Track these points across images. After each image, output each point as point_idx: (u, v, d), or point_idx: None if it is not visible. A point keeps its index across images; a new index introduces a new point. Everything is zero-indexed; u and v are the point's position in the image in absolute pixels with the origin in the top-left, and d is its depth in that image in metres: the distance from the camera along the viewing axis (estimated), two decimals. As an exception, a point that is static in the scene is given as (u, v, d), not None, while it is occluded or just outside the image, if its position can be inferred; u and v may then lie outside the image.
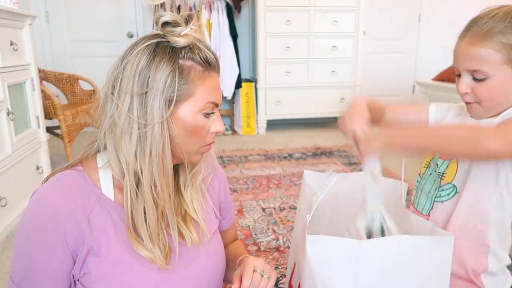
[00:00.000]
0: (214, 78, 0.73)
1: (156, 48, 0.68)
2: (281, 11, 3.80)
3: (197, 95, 0.70)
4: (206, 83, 0.71)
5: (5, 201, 1.86)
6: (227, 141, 3.83)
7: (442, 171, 0.87)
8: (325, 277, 0.74)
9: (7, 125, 1.94)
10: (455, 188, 0.85)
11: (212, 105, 0.73)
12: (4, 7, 1.93)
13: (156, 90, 0.67)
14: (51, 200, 0.67)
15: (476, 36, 0.78)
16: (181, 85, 0.68)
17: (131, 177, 0.68)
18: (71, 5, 3.83)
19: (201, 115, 0.71)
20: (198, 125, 0.71)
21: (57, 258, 0.67)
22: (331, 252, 0.73)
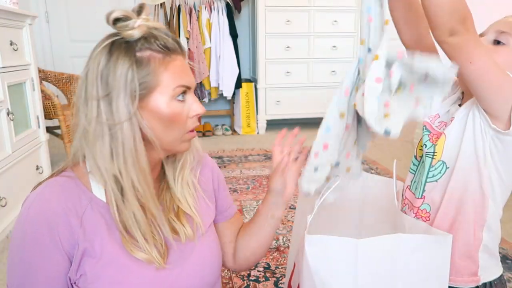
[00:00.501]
0: (178, 61, 0.71)
1: (112, 47, 0.67)
2: (281, 11, 3.80)
3: (163, 82, 0.69)
4: (169, 68, 0.69)
5: (5, 201, 1.86)
6: (227, 141, 3.83)
7: (432, 151, 0.87)
8: (323, 276, 0.74)
9: (7, 125, 1.94)
10: (444, 164, 0.85)
11: (183, 88, 0.71)
12: (4, 7, 1.93)
13: (118, 88, 0.66)
14: (43, 205, 0.67)
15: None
16: (143, 77, 0.67)
17: (111, 182, 0.68)
18: (71, 5, 3.83)
19: (175, 102, 0.70)
20: (173, 113, 0.70)
21: (54, 261, 0.67)
22: (329, 251, 0.74)
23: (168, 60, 0.70)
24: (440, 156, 0.85)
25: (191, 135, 0.75)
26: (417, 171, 0.93)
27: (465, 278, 0.84)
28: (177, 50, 0.71)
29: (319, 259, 0.74)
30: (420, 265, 0.74)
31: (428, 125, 0.91)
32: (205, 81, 3.87)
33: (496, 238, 0.86)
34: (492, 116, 0.76)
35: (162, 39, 0.69)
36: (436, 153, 0.86)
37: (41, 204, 0.68)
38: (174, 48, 0.71)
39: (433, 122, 0.91)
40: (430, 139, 0.89)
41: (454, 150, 0.83)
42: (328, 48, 3.95)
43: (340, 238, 0.73)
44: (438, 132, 0.88)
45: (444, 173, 0.85)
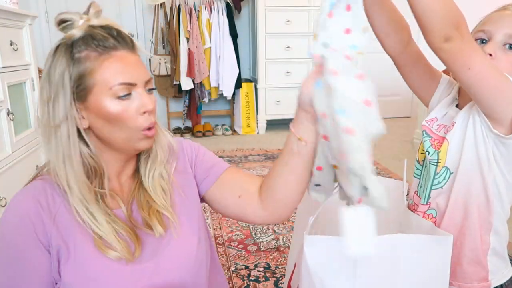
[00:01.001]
0: (116, 57, 0.69)
1: (56, 49, 0.69)
2: (281, 11, 3.80)
3: (100, 81, 0.68)
4: (105, 67, 0.68)
5: (5, 201, 1.86)
6: (227, 141, 3.83)
7: (436, 158, 0.86)
8: (322, 277, 0.74)
9: (7, 125, 1.94)
10: (448, 170, 0.84)
11: (123, 86, 0.68)
12: (4, 7, 1.93)
13: (57, 89, 0.68)
14: (18, 206, 0.70)
15: None
16: (79, 78, 0.68)
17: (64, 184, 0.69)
18: (71, 5, 3.83)
19: (115, 100, 0.68)
20: (114, 112, 0.69)
21: (35, 257, 0.68)
22: (328, 252, 0.73)
23: (105, 58, 0.68)
24: (444, 163, 0.84)
25: (148, 133, 0.72)
26: (421, 176, 0.92)
27: (475, 284, 0.83)
28: (117, 47, 0.69)
29: (318, 259, 0.74)
30: (420, 265, 0.74)
31: (428, 129, 0.90)
32: (205, 81, 3.87)
33: (504, 241, 0.85)
34: (494, 121, 0.75)
35: (99, 37, 0.69)
36: (440, 160, 0.85)
37: (15, 206, 0.70)
38: (113, 45, 0.69)
39: (431, 125, 0.90)
40: (432, 145, 0.88)
41: (457, 155, 0.82)
42: (328, 48, 3.95)
43: (337, 238, 0.73)
44: (439, 136, 0.87)
45: (448, 179, 0.84)
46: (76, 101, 0.69)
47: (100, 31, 0.69)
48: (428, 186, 0.89)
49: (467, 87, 0.73)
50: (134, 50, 0.72)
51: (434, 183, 0.87)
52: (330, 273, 0.74)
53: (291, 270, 0.96)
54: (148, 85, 0.73)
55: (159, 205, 0.77)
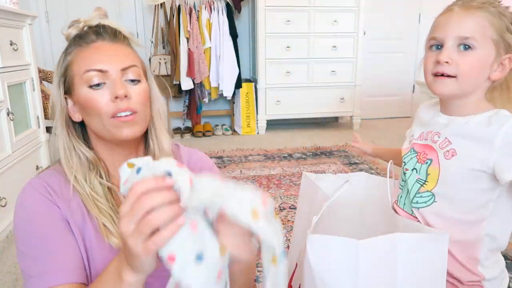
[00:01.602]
0: (92, 48, 0.72)
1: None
2: (281, 11, 3.80)
3: (76, 72, 0.71)
4: (80, 57, 0.72)
5: (5, 201, 1.86)
6: (227, 141, 3.83)
7: (424, 179, 0.86)
8: (324, 276, 0.74)
9: (7, 125, 1.94)
10: (433, 196, 0.84)
11: (93, 73, 0.69)
12: (4, 7, 1.93)
13: (54, 83, 0.75)
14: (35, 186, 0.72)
15: (471, 6, 0.79)
16: (65, 71, 0.73)
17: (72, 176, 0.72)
18: (71, 5, 3.83)
19: (87, 89, 0.70)
20: (85, 100, 0.71)
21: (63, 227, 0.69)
22: (330, 251, 0.74)
23: (81, 49, 0.72)
24: (431, 188, 0.85)
25: (122, 119, 0.70)
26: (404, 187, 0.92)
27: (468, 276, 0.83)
28: (95, 40, 0.73)
29: (320, 258, 0.74)
30: (420, 264, 0.74)
31: (416, 145, 0.90)
32: (205, 81, 3.87)
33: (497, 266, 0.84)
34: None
35: (83, 34, 0.74)
36: (427, 183, 0.85)
37: (33, 187, 0.72)
38: (92, 39, 0.73)
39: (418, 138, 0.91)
40: (419, 160, 0.88)
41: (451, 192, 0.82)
42: (328, 48, 3.95)
43: (341, 238, 0.73)
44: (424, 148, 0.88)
45: (430, 205, 0.85)
46: (66, 94, 0.74)
47: (87, 30, 0.74)
48: (407, 201, 0.89)
49: None
50: (118, 42, 0.74)
51: (414, 201, 0.87)
52: (332, 272, 0.74)
53: (292, 270, 0.96)
54: (129, 74, 0.72)
55: None
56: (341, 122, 4.50)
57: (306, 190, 1.03)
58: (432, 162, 0.84)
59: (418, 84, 3.41)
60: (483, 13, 0.78)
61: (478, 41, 0.77)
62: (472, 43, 0.78)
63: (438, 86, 0.82)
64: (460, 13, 0.79)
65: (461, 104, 0.83)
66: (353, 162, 3.08)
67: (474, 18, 0.78)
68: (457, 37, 0.79)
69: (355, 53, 4.00)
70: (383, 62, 4.58)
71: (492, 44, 0.78)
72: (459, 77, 0.79)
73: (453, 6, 0.82)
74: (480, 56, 0.78)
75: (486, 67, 0.79)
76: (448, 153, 0.82)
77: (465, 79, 0.79)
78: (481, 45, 0.78)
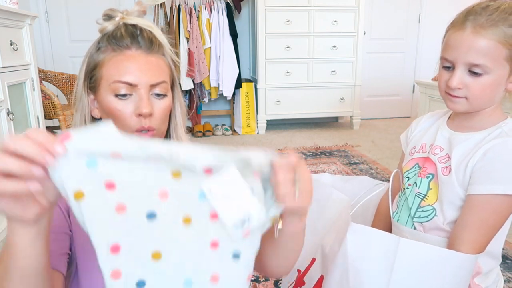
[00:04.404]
0: (126, 56, 0.69)
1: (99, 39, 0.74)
2: (281, 11, 3.80)
3: (105, 76, 0.70)
4: (113, 63, 0.69)
5: (5, 201, 1.86)
6: (227, 141, 3.83)
7: (424, 193, 0.86)
8: (359, 265, 0.75)
9: (7, 125, 1.94)
10: (435, 210, 0.84)
11: (121, 85, 0.68)
12: (4, 7, 1.93)
13: (79, 75, 0.73)
14: None
15: (482, 26, 0.74)
16: (94, 69, 0.71)
17: None
18: (71, 5, 3.83)
19: (113, 97, 0.69)
20: (109, 108, 0.69)
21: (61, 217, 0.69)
22: (370, 242, 0.75)
23: (116, 55, 0.70)
24: (432, 202, 0.84)
25: (136, 134, 0.70)
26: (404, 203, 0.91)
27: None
28: (130, 47, 0.70)
29: (359, 247, 0.75)
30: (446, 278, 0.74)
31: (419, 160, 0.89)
32: (205, 81, 3.87)
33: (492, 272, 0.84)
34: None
35: (118, 35, 0.70)
36: (427, 197, 0.85)
37: None
38: (126, 45, 0.70)
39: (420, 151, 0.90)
40: (419, 174, 0.88)
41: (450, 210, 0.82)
42: (328, 48, 3.95)
43: (383, 232, 0.74)
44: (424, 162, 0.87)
45: (431, 219, 0.84)
46: (90, 90, 0.73)
47: (123, 30, 0.71)
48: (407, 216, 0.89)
49: None
50: (153, 52, 0.71)
51: (416, 215, 0.87)
52: (367, 264, 0.75)
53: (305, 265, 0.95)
54: (156, 89, 0.71)
55: None
56: (341, 122, 4.50)
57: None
58: (434, 177, 0.84)
59: (418, 84, 3.41)
60: (496, 32, 0.73)
61: (490, 66, 0.75)
62: (483, 69, 0.75)
63: (450, 104, 0.82)
64: (471, 37, 0.75)
65: (472, 117, 0.82)
66: (353, 162, 3.08)
67: (486, 41, 0.74)
68: (468, 63, 0.76)
69: (355, 53, 4.00)
70: (383, 62, 4.58)
71: (505, 62, 0.75)
72: (470, 99, 0.78)
73: (465, 23, 0.76)
74: (492, 79, 0.76)
75: (500, 86, 0.77)
76: (445, 169, 0.82)
77: (476, 101, 0.78)
78: (494, 68, 0.75)
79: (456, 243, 0.77)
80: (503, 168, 0.74)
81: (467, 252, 0.74)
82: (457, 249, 0.75)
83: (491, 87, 0.77)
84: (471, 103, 0.79)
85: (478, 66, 0.75)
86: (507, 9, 0.75)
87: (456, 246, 0.76)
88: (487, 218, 0.75)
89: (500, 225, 0.76)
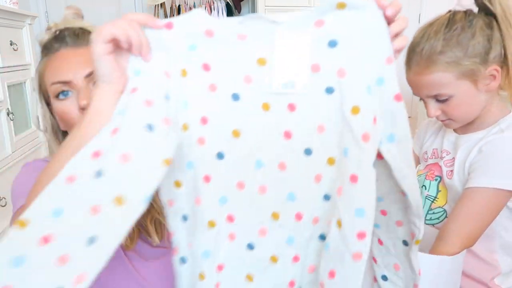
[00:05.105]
0: (55, 58, 0.70)
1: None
2: (281, 11, 3.76)
3: (46, 84, 0.71)
4: (46, 69, 0.70)
5: (5, 201, 1.86)
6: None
7: (434, 195, 0.86)
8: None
9: (7, 125, 1.94)
10: (445, 212, 0.84)
11: (58, 86, 0.68)
12: (4, 7, 1.93)
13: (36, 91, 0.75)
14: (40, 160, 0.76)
15: (419, 65, 0.77)
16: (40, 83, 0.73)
17: None
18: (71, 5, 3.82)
19: (56, 102, 0.69)
20: (58, 113, 0.70)
21: None
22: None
23: (47, 60, 0.71)
24: (442, 203, 0.85)
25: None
26: None
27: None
28: (58, 49, 0.70)
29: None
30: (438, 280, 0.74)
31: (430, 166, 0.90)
32: (205, 81, 3.87)
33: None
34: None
35: (47, 43, 0.72)
36: (437, 199, 0.85)
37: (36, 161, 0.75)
38: (55, 48, 0.70)
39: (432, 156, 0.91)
40: (427, 177, 0.88)
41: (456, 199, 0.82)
42: (328, 48, 3.94)
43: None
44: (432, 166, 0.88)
45: (442, 221, 0.84)
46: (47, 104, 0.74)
47: (52, 37, 0.72)
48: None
49: None
50: (81, 45, 0.70)
51: (427, 217, 0.87)
52: None
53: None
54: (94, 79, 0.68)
55: (157, 211, 0.75)
56: (341, 122, 4.50)
57: None
58: (441, 179, 0.85)
59: (418, 84, 3.41)
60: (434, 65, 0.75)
61: (448, 92, 0.76)
62: (445, 95, 0.77)
63: (447, 127, 0.86)
64: (417, 77, 0.79)
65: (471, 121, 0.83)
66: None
67: (430, 76, 0.76)
68: (429, 96, 0.79)
69: (355, 53, 3.99)
70: (383, 62, 4.57)
71: (460, 81, 0.76)
72: (454, 119, 0.81)
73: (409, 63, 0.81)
74: (461, 97, 0.77)
75: (474, 96, 0.77)
76: (450, 173, 0.83)
77: (461, 118, 0.80)
78: (454, 90, 0.76)
79: (444, 235, 0.76)
80: (496, 163, 0.74)
81: (453, 244, 0.73)
82: (444, 240, 0.75)
83: (465, 103, 0.78)
84: (458, 120, 0.81)
85: (438, 95, 0.78)
86: (433, 34, 0.76)
87: (444, 237, 0.76)
88: (477, 211, 0.74)
89: (490, 219, 0.75)
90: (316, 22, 0.50)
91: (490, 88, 0.77)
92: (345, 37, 0.49)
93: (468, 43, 0.74)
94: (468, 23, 0.75)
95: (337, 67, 0.50)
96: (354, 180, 0.48)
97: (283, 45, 0.50)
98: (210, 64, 0.52)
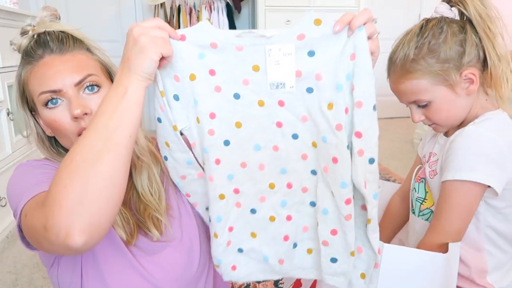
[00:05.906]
0: (40, 66, 0.68)
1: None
2: (281, 11, 3.80)
3: (32, 92, 0.69)
4: (32, 77, 0.69)
5: (5, 201, 1.86)
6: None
7: (423, 197, 0.87)
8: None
9: (7, 125, 1.94)
10: (431, 213, 0.85)
11: (47, 95, 0.67)
12: (4, 7, 1.93)
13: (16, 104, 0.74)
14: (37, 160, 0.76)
15: (396, 73, 0.80)
16: (23, 89, 0.71)
17: None
18: (71, 5, 3.83)
19: (45, 110, 0.68)
20: (47, 122, 0.69)
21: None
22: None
23: (32, 68, 0.69)
24: (430, 205, 0.85)
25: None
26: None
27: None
28: (43, 56, 0.68)
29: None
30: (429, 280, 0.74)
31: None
32: (205, 81, 3.87)
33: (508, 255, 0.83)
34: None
35: (29, 50, 0.69)
36: (426, 200, 0.86)
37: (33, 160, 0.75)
38: (39, 55, 0.68)
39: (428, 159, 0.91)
40: (416, 179, 0.89)
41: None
42: (328, 48, 3.95)
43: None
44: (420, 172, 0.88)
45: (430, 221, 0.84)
46: (32, 112, 0.72)
47: (32, 42, 0.70)
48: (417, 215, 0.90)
49: None
50: (67, 51, 0.69)
51: (420, 215, 0.88)
52: None
53: None
54: (85, 85, 0.68)
55: (153, 209, 0.75)
56: (341, 122, 4.50)
57: None
58: (425, 180, 0.86)
59: (418, 84, 3.41)
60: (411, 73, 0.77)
61: (426, 98, 0.78)
62: (424, 101, 0.79)
63: (432, 129, 0.88)
64: (396, 85, 0.81)
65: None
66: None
67: (407, 84, 0.79)
68: (409, 101, 0.81)
69: (355, 53, 4.00)
70: (383, 62, 4.56)
71: (437, 86, 0.77)
72: (438, 123, 0.82)
73: (388, 71, 0.83)
74: (440, 102, 0.78)
75: (454, 100, 0.78)
76: (432, 173, 0.83)
77: (445, 121, 0.81)
78: (432, 96, 0.78)
79: (433, 232, 0.77)
80: (465, 155, 0.74)
81: (444, 240, 0.73)
82: (433, 238, 0.75)
83: (445, 108, 0.79)
84: (442, 124, 0.82)
85: (417, 101, 0.80)
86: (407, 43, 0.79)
87: (433, 235, 0.76)
88: (457, 203, 0.75)
89: (472, 210, 0.76)
90: (298, 35, 0.60)
91: (470, 92, 0.78)
92: (321, 47, 0.61)
93: (439, 49, 0.75)
94: (439, 30, 0.76)
95: (315, 72, 0.62)
96: (335, 161, 0.63)
97: (273, 55, 0.62)
98: (215, 70, 0.64)
